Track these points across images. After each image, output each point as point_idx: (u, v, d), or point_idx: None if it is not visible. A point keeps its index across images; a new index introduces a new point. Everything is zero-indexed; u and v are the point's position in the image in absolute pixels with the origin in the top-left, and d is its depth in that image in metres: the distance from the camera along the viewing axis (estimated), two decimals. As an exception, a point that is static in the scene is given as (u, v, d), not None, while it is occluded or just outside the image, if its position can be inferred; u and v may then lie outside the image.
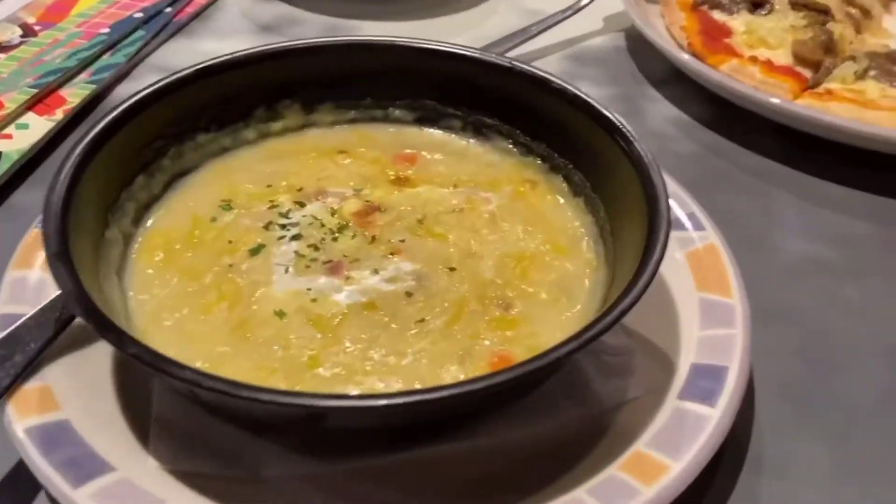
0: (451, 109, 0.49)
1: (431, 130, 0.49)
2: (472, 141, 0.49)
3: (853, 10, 0.72)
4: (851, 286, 0.49)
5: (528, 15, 0.76)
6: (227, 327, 0.37)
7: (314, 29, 0.73)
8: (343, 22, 0.74)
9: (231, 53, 0.45)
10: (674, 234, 0.45)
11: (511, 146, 0.48)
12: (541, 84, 0.45)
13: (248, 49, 0.46)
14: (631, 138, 0.40)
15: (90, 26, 0.67)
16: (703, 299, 0.42)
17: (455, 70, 0.47)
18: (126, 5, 0.70)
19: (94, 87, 0.60)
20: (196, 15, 0.72)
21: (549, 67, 0.68)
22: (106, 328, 0.29)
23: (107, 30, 0.67)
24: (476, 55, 0.47)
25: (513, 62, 0.47)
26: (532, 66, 0.46)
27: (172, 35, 0.70)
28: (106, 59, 0.64)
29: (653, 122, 0.63)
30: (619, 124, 0.41)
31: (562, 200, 0.45)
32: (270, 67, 0.47)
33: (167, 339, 0.36)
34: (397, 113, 0.49)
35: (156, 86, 0.42)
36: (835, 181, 0.57)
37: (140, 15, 0.69)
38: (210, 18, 0.73)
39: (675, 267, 0.43)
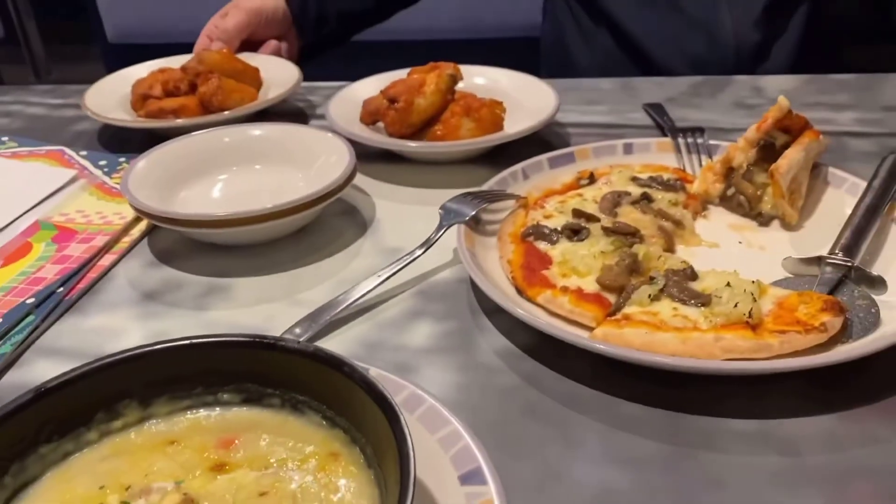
0: (270, 390, 0.56)
1: (254, 410, 0.56)
2: (289, 416, 0.55)
3: (666, 224, 0.82)
4: (638, 512, 0.54)
5: (389, 253, 0.86)
6: None
7: (192, 290, 0.82)
8: (219, 281, 0.83)
9: (67, 373, 0.53)
10: (461, 490, 0.52)
11: (321, 419, 0.54)
12: (336, 366, 0.53)
13: (83, 365, 0.54)
14: (400, 422, 0.47)
15: (-18, 317, 0.76)
16: (477, 559, 0.47)
17: (268, 357, 0.55)
18: (20, 292, 0.79)
19: (-21, 381, 0.68)
20: (86, 291, 0.81)
21: (400, 305, 0.78)
22: None
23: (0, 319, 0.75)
24: (283, 344, 0.55)
25: (317, 349, 0.54)
26: (330, 352, 0.53)
27: (62, 315, 0.78)
28: (-7, 349, 0.72)
29: (482, 354, 0.70)
30: (394, 407, 0.49)
31: (356, 472, 0.51)
32: (107, 377, 0.54)
33: None
34: (225, 397, 0.57)
35: (-6, 415, 0.49)
36: (634, 400, 0.63)
37: (32, 300, 0.78)
38: (99, 292, 0.82)
39: (461, 527, 0.50)
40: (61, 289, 0.80)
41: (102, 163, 1.06)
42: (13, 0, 3.61)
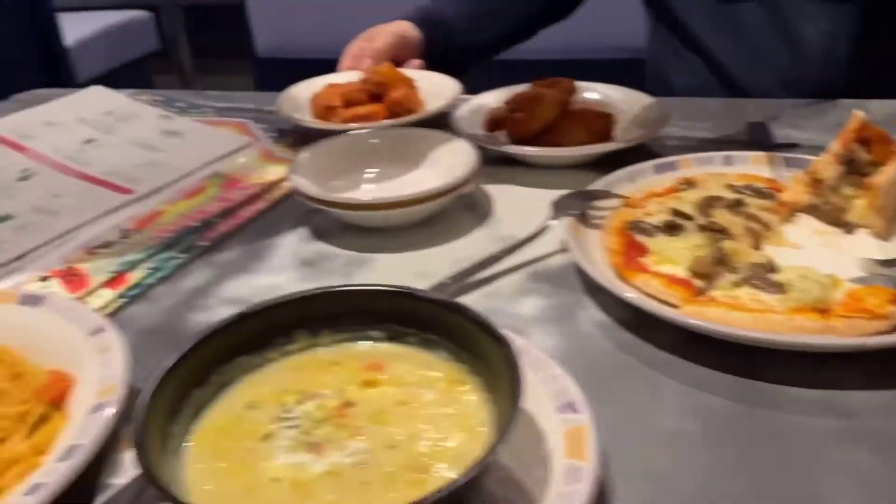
0: (410, 330, 0.70)
1: (396, 345, 0.71)
2: (424, 352, 0.70)
3: (755, 226, 0.92)
4: (707, 453, 0.65)
5: (504, 241, 0.99)
6: (241, 489, 0.58)
7: (341, 261, 0.98)
8: (362, 255, 0.99)
9: (259, 303, 0.69)
10: (558, 417, 0.64)
11: (449, 355, 0.68)
12: (460, 311, 0.66)
13: (268, 301, 0.70)
14: (510, 349, 0.61)
15: (160, 231, 1.04)
16: (567, 464, 0.60)
17: (406, 304, 0.70)
18: (190, 218, 1.06)
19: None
20: (239, 228, 1.00)
21: (509, 282, 0.91)
22: (163, 493, 0.51)
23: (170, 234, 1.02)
24: (418, 294, 0.70)
25: (443, 297, 0.69)
26: (454, 301, 0.68)
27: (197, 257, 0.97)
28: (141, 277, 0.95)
29: (582, 325, 0.83)
30: (503, 338, 0.62)
31: (476, 396, 0.65)
32: (286, 310, 0.70)
33: (201, 499, 0.57)
34: (374, 333, 0.71)
35: (208, 331, 0.66)
36: (709, 367, 0.74)
37: (197, 224, 1.05)
38: (265, 257, 1.00)
39: (554, 442, 0.62)
40: (218, 219, 1.06)
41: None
42: (168, 16, 4.07)
